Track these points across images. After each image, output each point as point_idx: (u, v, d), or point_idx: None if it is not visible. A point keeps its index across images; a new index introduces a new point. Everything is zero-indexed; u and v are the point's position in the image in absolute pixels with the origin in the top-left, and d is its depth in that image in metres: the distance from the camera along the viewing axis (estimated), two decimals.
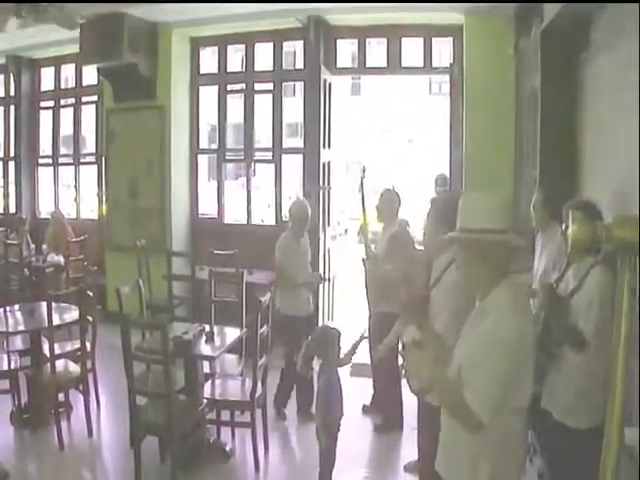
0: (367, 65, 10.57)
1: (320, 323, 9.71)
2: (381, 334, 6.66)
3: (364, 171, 5.74)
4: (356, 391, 7.32)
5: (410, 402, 6.01)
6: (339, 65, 10.62)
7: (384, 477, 6.31)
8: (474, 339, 3.11)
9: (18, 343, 7.23)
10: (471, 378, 3.00)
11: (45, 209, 13.05)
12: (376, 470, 6.37)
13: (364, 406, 7.44)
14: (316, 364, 5.40)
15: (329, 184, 10.14)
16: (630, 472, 3.91)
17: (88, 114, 12.49)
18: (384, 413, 7.17)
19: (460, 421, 3.09)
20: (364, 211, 5.45)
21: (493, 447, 3.09)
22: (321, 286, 9.68)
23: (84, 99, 12.51)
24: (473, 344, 3.10)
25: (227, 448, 6.36)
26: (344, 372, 8.31)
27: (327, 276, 10.06)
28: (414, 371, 3.18)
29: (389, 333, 6.23)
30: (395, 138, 39.08)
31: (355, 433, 6.99)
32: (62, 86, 12.99)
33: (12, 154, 13.07)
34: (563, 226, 4.83)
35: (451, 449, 3.31)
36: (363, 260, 7.00)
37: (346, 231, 24.05)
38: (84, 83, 12.41)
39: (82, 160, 12.80)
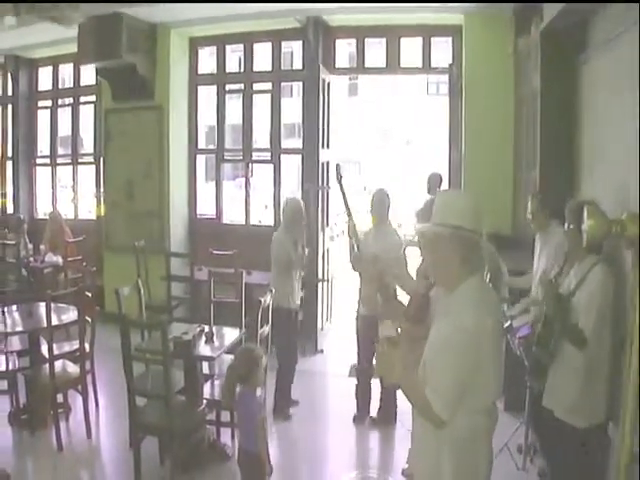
0: (366, 65, 10.53)
1: (319, 324, 9.70)
2: (366, 339, 6.71)
3: (339, 170, 5.61)
4: (353, 392, 7.29)
5: (406, 403, 6.00)
6: (338, 65, 10.60)
7: None
8: (438, 335, 3.17)
9: (16, 344, 7.18)
10: (431, 374, 3.11)
11: (43, 209, 13.04)
12: (374, 473, 6.34)
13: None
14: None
15: (328, 184, 10.10)
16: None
17: (86, 114, 12.45)
18: (381, 411, 7.20)
19: (425, 417, 3.17)
20: (349, 211, 5.34)
21: (456, 445, 3.14)
22: (320, 286, 9.68)
23: (82, 99, 12.49)
24: (435, 339, 3.18)
25: (227, 449, 6.33)
26: (344, 371, 8.31)
27: (326, 276, 10.05)
28: (383, 369, 3.32)
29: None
30: (393, 139, 39.04)
31: (352, 434, 7.00)
32: (60, 86, 12.95)
33: (10, 154, 13.06)
34: (565, 225, 4.83)
35: (419, 446, 3.45)
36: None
37: (344, 232, 24.06)
38: (82, 83, 12.39)
39: (80, 160, 12.73)
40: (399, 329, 3.80)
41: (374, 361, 3.50)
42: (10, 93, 12.96)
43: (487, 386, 3.18)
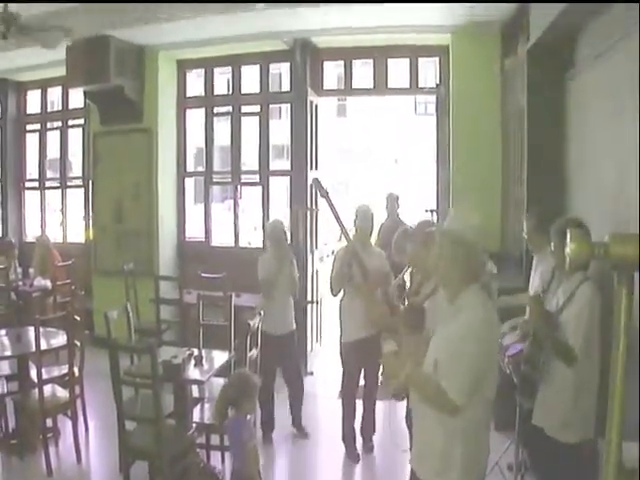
0: (353, 86, 10.56)
1: (309, 346, 9.66)
2: (356, 365, 6.70)
3: (320, 185, 5.36)
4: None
5: (401, 424, 6.00)
6: (325, 87, 10.63)
7: None
8: (449, 335, 3.43)
9: (5, 368, 7.12)
10: (448, 367, 3.33)
11: (31, 233, 12.97)
12: None
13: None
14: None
15: (316, 206, 10.09)
16: None
17: (75, 137, 12.47)
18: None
19: (438, 407, 3.41)
20: (344, 230, 5.07)
21: (465, 435, 3.40)
22: (309, 308, 9.66)
23: (71, 122, 12.49)
24: (449, 339, 3.42)
25: (217, 472, 6.29)
26: (334, 393, 8.28)
27: (314, 298, 10.02)
28: (393, 376, 3.70)
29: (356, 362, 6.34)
30: (381, 158, 39.11)
31: (342, 457, 6.95)
32: (49, 109, 13.00)
33: None
34: (551, 245, 4.84)
35: (424, 443, 3.61)
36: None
37: (333, 252, 23.98)
38: (71, 106, 12.42)
39: (69, 184, 12.71)
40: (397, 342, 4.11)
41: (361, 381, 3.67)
42: None
43: (492, 378, 3.45)
